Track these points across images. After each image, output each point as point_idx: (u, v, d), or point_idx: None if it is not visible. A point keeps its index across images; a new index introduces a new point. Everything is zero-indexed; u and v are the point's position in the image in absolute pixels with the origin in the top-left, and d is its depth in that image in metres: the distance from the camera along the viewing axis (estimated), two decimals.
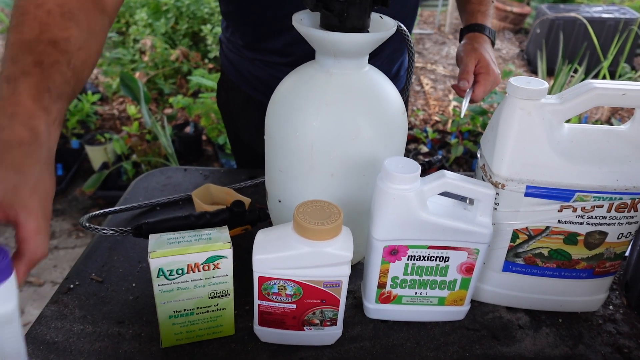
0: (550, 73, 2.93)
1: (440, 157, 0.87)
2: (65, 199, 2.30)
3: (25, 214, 0.39)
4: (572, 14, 3.24)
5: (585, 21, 2.90)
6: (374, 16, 0.54)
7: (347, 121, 0.53)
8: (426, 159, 0.86)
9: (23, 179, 0.39)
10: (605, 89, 0.50)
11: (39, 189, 0.40)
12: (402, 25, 0.57)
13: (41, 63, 0.44)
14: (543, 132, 0.51)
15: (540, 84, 0.51)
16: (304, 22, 0.52)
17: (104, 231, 0.66)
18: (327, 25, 0.51)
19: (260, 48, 0.82)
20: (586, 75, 2.39)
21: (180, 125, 2.58)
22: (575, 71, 2.47)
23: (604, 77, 2.71)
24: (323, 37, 0.50)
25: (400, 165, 0.50)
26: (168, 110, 2.83)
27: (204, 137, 2.60)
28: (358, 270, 0.64)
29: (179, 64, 2.82)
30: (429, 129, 2.59)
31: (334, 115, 0.52)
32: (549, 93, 2.19)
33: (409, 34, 0.60)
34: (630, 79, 2.72)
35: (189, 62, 2.85)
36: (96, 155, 2.35)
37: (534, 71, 3.53)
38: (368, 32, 0.52)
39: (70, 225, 2.15)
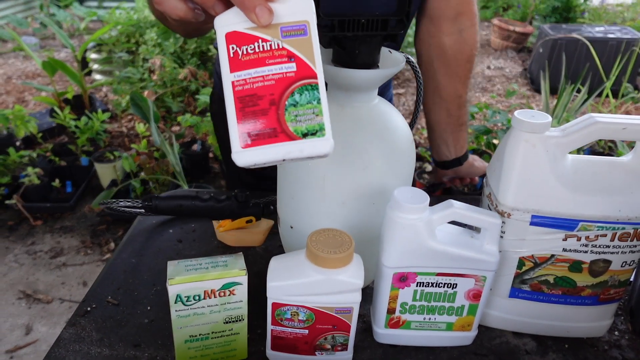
0: (554, 92, 2.95)
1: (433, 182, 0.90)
2: (73, 215, 2.33)
3: None
4: (574, 35, 3.28)
5: (587, 42, 2.94)
6: (383, 50, 0.56)
7: (358, 152, 0.55)
8: (431, 182, 0.89)
9: None
10: (606, 124, 0.52)
11: None
12: (410, 57, 0.60)
13: None
14: (547, 163, 0.53)
15: (544, 117, 0.53)
16: None
17: (121, 203, 0.73)
18: (339, 60, 0.53)
19: None
20: (589, 95, 2.41)
21: (187, 142, 2.62)
22: (579, 91, 2.49)
23: (606, 97, 2.73)
24: (335, 73, 0.52)
25: (409, 196, 0.52)
26: (176, 128, 2.87)
27: (210, 155, 2.63)
28: (367, 294, 0.66)
29: (187, 83, 2.87)
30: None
31: (345, 146, 0.55)
32: (553, 112, 2.19)
33: (417, 66, 0.62)
34: (633, 98, 2.75)
35: (197, 81, 2.90)
36: (105, 173, 2.38)
37: (537, 90, 3.57)
38: (378, 67, 0.54)
39: (79, 242, 2.17)
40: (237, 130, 0.41)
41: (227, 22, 0.41)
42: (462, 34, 0.80)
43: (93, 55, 3.35)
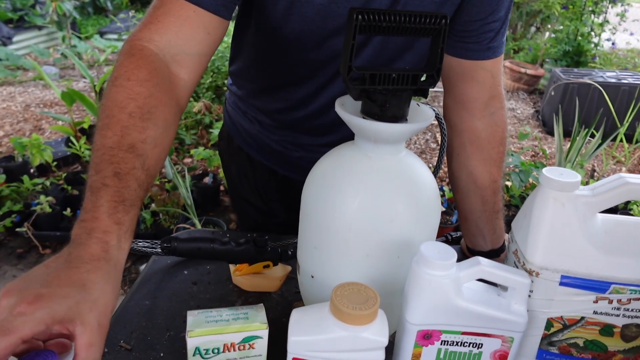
0: (566, 134, 2.96)
1: (459, 233, 0.88)
2: None
3: (81, 328, 0.41)
4: (586, 80, 3.31)
5: (600, 88, 2.96)
6: (412, 103, 0.56)
7: (384, 204, 0.54)
8: (450, 233, 0.87)
9: (86, 295, 0.43)
10: (637, 184, 0.51)
11: (99, 304, 0.44)
12: (436, 110, 0.60)
13: (119, 173, 0.50)
14: (577, 223, 0.52)
15: (573, 176, 0.53)
16: (346, 107, 0.55)
17: (140, 243, 0.73)
18: (369, 113, 0.53)
19: (254, 105, 0.89)
20: (603, 139, 2.41)
21: (199, 175, 2.63)
22: (592, 135, 2.49)
23: (620, 142, 2.73)
24: (365, 125, 0.52)
25: (436, 251, 0.51)
26: (188, 160, 2.89)
27: (221, 188, 2.64)
28: (387, 350, 0.63)
29: (201, 116, 2.91)
30: (446, 188, 2.61)
31: (372, 197, 0.54)
32: (567, 155, 2.18)
33: (443, 120, 0.62)
34: None
35: (211, 114, 2.95)
36: None
37: (549, 132, 3.57)
38: (407, 120, 0.54)
39: None
40: None
41: None
42: (493, 117, 0.78)
43: None
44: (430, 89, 0.54)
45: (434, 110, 0.58)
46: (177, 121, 0.61)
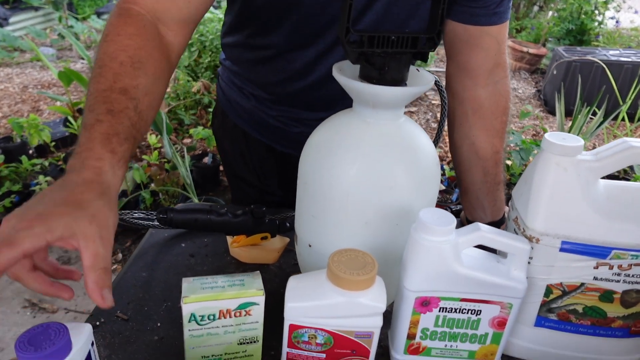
0: (568, 114, 2.93)
1: (458, 206, 0.87)
2: None
3: (84, 241, 0.43)
4: (589, 57, 3.27)
5: (603, 64, 2.92)
6: (411, 68, 0.55)
7: (383, 171, 0.53)
8: (450, 206, 0.86)
9: (83, 212, 0.44)
10: None
11: (98, 218, 0.45)
12: (437, 78, 0.59)
13: (112, 110, 0.52)
14: (579, 188, 0.51)
15: (576, 140, 0.51)
16: (344, 72, 0.54)
17: (135, 215, 0.73)
18: (367, 77, 0.52)
19: (249, 79, 0.87)
20: (605, 118, 2.39)
21: (198, 155, 2.62)
22: (594, 113, 2.47)
23: (622, 120, 2.70)
24: (363, 89, 0.51)
25: (435, 217, 0.50)
26: (187, 140, 2.88)
27: (221, 168, 2.63)
28: (385, 318, 0.63)
29: (200, 96, 2.89)
30: (446, 167, 2.60)
31: (370, 164, 0.53)
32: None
33: (443, 87, 0.61)
34: None
35: (210, 94, 2.92)
36: None
37: (550, 112, 3.54)
38: (406, 85, 0.53)
39: None
40: None
41: None
42: (497, 86, 0.76)
43: None
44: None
45: (434, 76, 0.56)
46: (168, 77, 0.62)
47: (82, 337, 0.44)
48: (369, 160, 0.53)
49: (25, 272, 0.44)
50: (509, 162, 2.40)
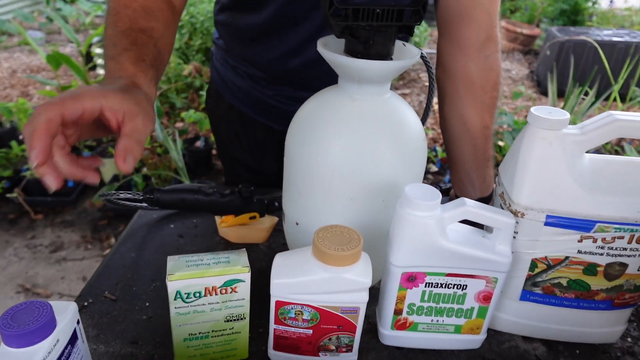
0: (561, 95, 2.93)
1: (449, 185, 0.86)
2: (74, 210, 2.32)
3: (129, 115, 0.47)
4: (582, 37, 3.25)
5: (595, 44, 2.91)
6: (397, 43, 0.54)
7: (369, 147, 0.53)
8: (439, 184, 0.86)
9: (130, 97, 0.49)
10: (627, 121, 0.50)
11: (142, 106, 0.49)
12: (424, 52, 0.58)
13: (136, 42, 0.56)
14: (564, 162, 0.51)
15: (561, 114, 0.51)
16: (329, 47, 0.53)
17: (121, 195, 0.73)
18: (352, 51, 0.51)
19: (244, 58, 0.86)
20: (597, 98, 2.39)
21: (191, 139, 2.60)
22: (586, 94, 2.47)
23: (614, 100, 2.71)
24: (348, 64, 0.50)
25: (420, 192, 0.50)
26: (179, 124, 2.85)
27: (213, 152, 2.61)
28: (373, 295, 0.63)
29: (191, 79, 2.86)
30: (439, 148, 2.60)
31: (356, 140, 0.53)
32: None
33: (430, 62, 0.60)
34: None
35: (202, 77, 2.89)
36: (107, 168, 2.36)
37: (543, 92, 3.54)
38: (392, 59, 0.52)
39: (79, 237, 2.15)
40: None
41: None
42: (488, 60, 0.75)
43: (98, 50, 3.33)
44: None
45: (420, 49, 0.56)
46: (175, 28, 0.66)
47: (66, 315, 0.44)
48: (354, 136, 0.53)
49: (58, 149, 0.45)
50: (501, 143, 2.40)
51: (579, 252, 0.53)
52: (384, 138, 0.53)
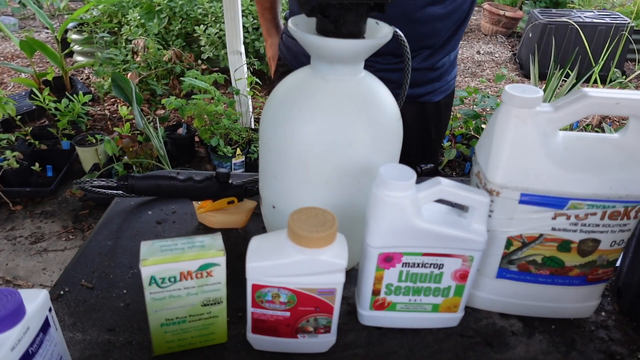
0: (543, 77, 2.95)
1: (430, 166, 0.87)
2: (55, 200, 2.28)
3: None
4: (564, 19, 3.27)
5: (577, 26, 2.93)
6: (370, 22, 0.53)
7: (342, 128, 0.52)
8: (420, 165, 0.86)
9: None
10: (599, 98, 0.50)
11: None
12: (398, 31, 0.57)
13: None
14: (538, 140, 0.51)
15: (535, 92, 0.51)
16: (300, 27, 0.52)
17: (95, 182, 0.72)
18: (323, 30, 0.50)
19: None
20: (577, 80, 2.41)
21: (172, 126, 2.56)
22: (567, 76, 2.48)
23: (595, 82, 2.73)
24: (319, 43, 0.50)
25: (395, 172, 0.50)
26: (160, 112, 2.81)
27: (196, 139, 2.58)
28: (352, 276, 0.64)
29: (171, 65, 2.81)
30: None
31: (329, 121, 0.52)
32: None
33: (405, 40, 0.59)
34: (620, 83, 2.75)
35: (182, 63, 2.84)
36: (87, 157, 2.33)
37: (526, 75, 3.56)
38: (364, 38, 0.51)
39: (60, 227, 2.12)
40: None
41: None
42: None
43: (74, 36, 3.25)
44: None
45: (393, 28, 0.55)
46: None
47: (36, 302, 0.43)
48: (328, 117, 0.52)
49: None
50: (484, 126, 2.41)
51: (553, 229, 0.54)
52: (357, 118, 0.53)
